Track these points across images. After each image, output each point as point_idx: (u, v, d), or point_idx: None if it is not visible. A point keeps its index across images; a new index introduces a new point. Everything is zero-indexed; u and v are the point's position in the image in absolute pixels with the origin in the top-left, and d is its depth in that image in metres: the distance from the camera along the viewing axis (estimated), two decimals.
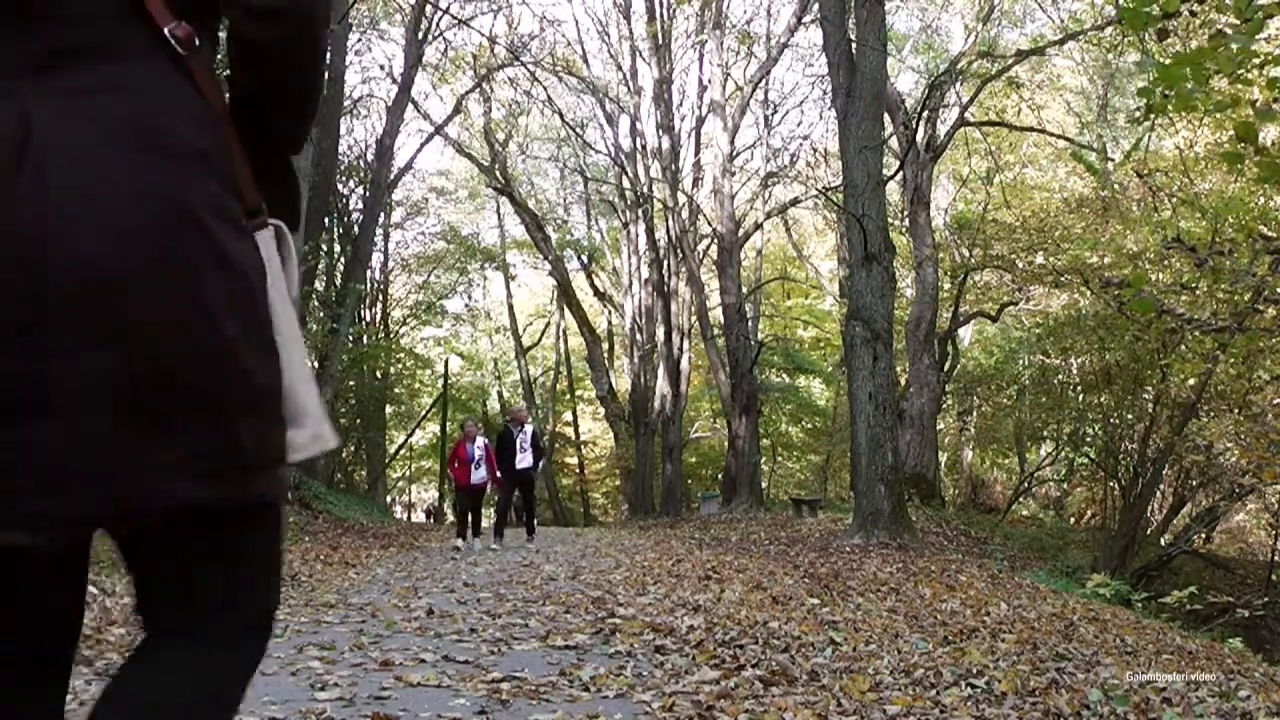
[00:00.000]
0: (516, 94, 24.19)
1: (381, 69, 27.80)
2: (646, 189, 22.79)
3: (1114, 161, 16.79)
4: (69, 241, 0.94)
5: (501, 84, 23.92)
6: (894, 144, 17.37)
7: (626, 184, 23.57)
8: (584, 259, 28.15)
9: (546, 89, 22.33)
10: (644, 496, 23.20)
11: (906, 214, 18.60)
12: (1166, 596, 9.97)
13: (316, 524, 12.48)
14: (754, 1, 29.89)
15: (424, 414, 29.31)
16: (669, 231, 22.56)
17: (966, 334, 23.85)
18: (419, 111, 23.96)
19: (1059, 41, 17.17)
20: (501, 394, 33.75)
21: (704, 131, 22.99)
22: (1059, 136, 19.73)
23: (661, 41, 22.00)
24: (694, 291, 22.40)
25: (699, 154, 23.06)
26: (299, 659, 3.91)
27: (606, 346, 27.96)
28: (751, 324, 22.91)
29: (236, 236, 1.05)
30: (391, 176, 22.15)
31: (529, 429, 11.49)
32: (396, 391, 26.33)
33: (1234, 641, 7.85)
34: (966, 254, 19.31)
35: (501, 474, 11.10)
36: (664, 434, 23.05)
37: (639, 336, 24.61)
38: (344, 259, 20.75)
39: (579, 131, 24.31)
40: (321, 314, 18.09)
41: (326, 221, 18.95)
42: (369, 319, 25.49)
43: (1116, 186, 17.41)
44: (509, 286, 30.32)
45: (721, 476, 24.03)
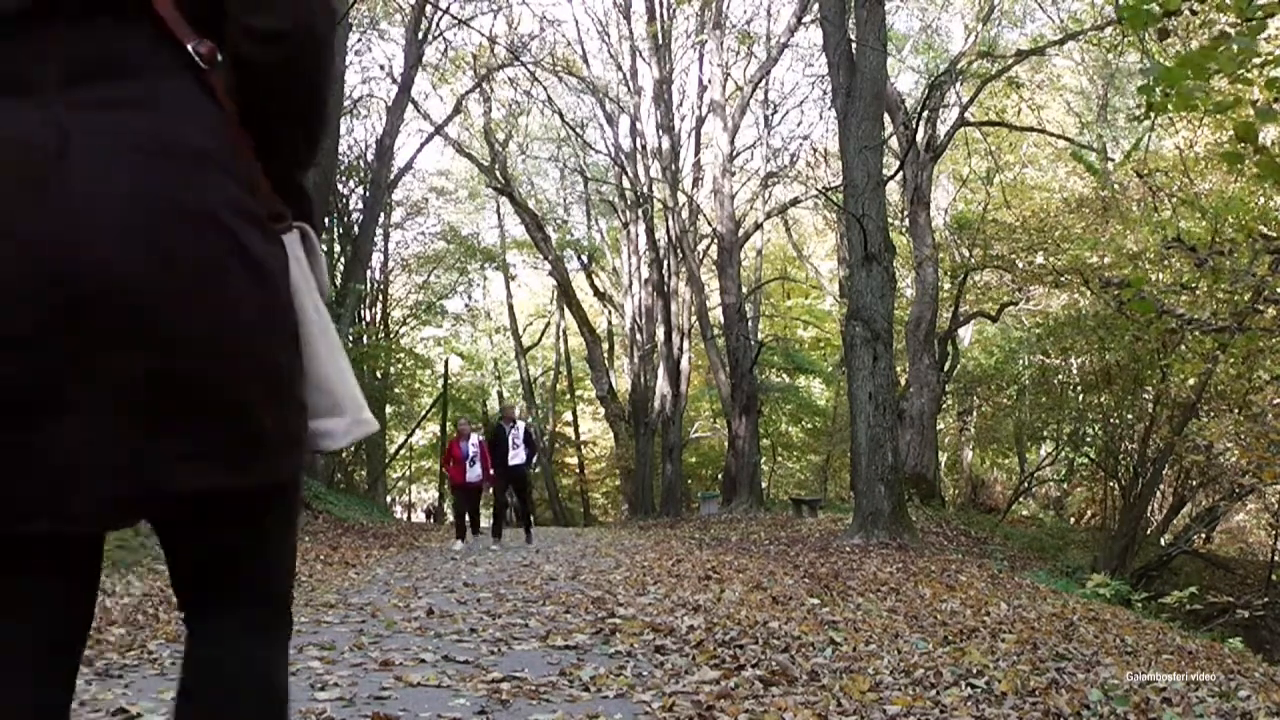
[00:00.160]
0: (516, 94, 24.21)
1: (381, 69, 27.79)
2: (646, 189, 22.79)
3: (1114, 161, 16.79)
4: (99, 248, 1.00)
5: (501, 84, 23.93)
6: (894, 144, 17.37)
7: (626, 184, 23.57)
8: (584, 259, 28.15)
9: (546, 89, 22.34)
10: (644, 496, 23.20)
11: (906, 214, 18.59)
12: (1166, 596, 9.96)
13: (316, 524, 12.48)
14: (754, 1, 29.94)
15: (424, 414, 29.30)
16: (669, 231, 22.55)
17: (966, 334, 23.85)
18: (419, 111, 23.99)
19: (1059, 41, 17.16)
20: (501, 394, 33.75)
21: (704, 131, 22.98)
22: (1059, 136, 19.72)
23: (661, 41, 22.00)
24: (694, 291, 22.39)
25: (699, 154, 23.05)
26: (299, 659, 3.91)
27: (606, 346, 27.95)
28: (751, 324, 22.90)
29: (261, 237, 1.11)
30: (391, 176, 22.16)
31: (521, 426, 11.53)
32: (396, 391, 26.32)
33: (1234, 641, 7.85)
34: (966, 254, 19.30)
35: (495, 472, 11.13)
36: (664, 434, 23.05)
37: (639, 336, 24.60)
38: (344, 259, 20.74)
39: (579, 131, 24.31)
40: None
41: (326, 221, 18.96)
42: (369, 319, 25.49)
43: (1116, 186, 17.40)
44: (509, 286, 30.33)
45: (721, 476, 24.03)
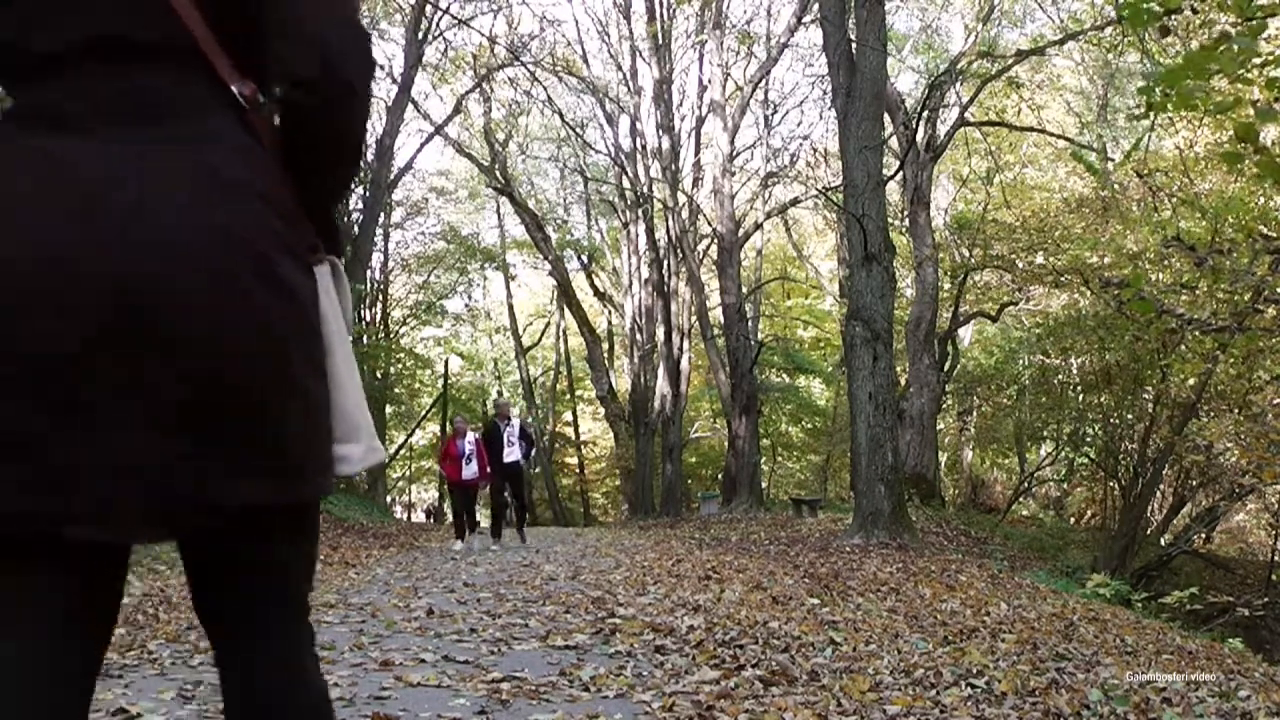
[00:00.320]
0: (516, 94, 24.20)
1: (381, 69, 27.76)
2: (646, 189, 22.78)
3: (1114, 161, 16.79)
4: (148, 274, 1.08)
5: (501, 84, 23.92)
6: (894, 144, 17.36)
7: (626, 184, 23.57)
8: (584, 259, 28.15)
9: (546, 89, 22.33)
10: (644, 496, 23.20)
11: (906, 214, 18.59)
12: (1166, 596, 9.96)
13: None
14: (754, 1, 29.93)
15: (424, 414, 29.32)
16: (669, 231, 22.55)
17: (966, 334, 23.85)
18: (419, 111, 23.97)
19: (1059, 41, 17.16)
20: (501, 394, 33.74)
21: (704, 131, 22.98)
22: (1059, 136, 19.72)
23: (661, 41, 21.99)
24: (694, 291, 22.39)
25: (699, 154, 23.05)
26: None
27: (606, 346, 27.95)
28: (751, 324, 22.90)
29: (296, 269, 1.18)
30: (391, 176, 22.14)
31: (516, 423, 11.48)
32: (396, 391, 26.32)
33: (1234, 641, 7.84)
34: (966, 254, 19.30)
35: (491, 470, 11.11)
36: (664, 434, 23.04)
37: (639, 336, 24.60)
38: (344, 259, 20.68)
39: (579, 131, 24.31)
40: None
41: None
42: (369, 319, 25.47)
43: (1116, 186, 17.40)
44: (509, 286, 30.32)
45: (721, 476, 24.03)
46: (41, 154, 1.12)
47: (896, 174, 16.12)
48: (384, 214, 24.54)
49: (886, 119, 14.60)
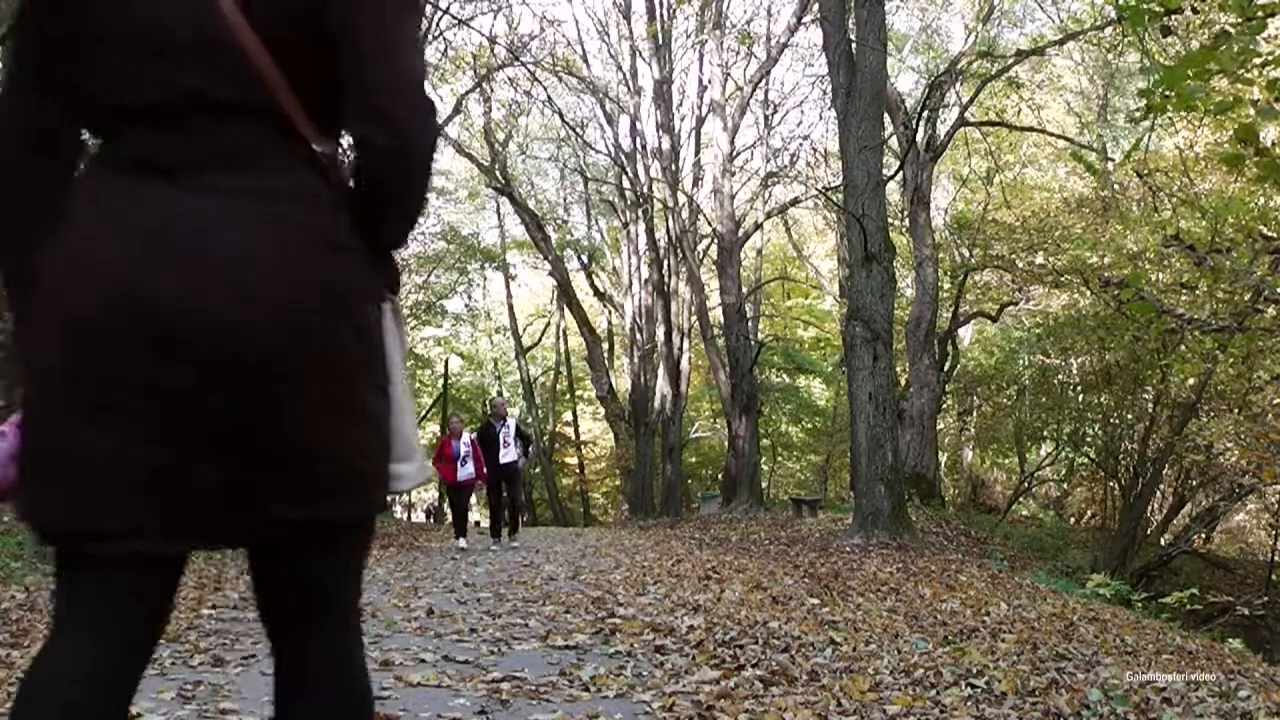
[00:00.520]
0: (516, 94, 24.16)
1: None
2: (646, 189, 22.78)
3: (1114, 161, 16.77)
4: (234, 311, 1.19)
5: (501, 84, 23.88)
6: (894, 144, 17.35)
7: (626, 184, 23.56)
8: (584, 259, 28.13)
9: (546, 89, 22.29)
10: (644, 496, 23.19)
11: (906, 214, 18.59)
12: (1166, 596, 9.96)
13: None
14: (754, 1, 29.89)
15: (424, 414, 29.29)
16: (669, 231, 22.55)
17: (966, 334, 23.84)
18: None
19: (1059, 41, 17.16)
20: (501, 394, 33.74)
21: (704, 131, 22.97)
22: (1059, 136, 19.72)
23: (661, 41, 21.99)
24: (694, 291, 22.39)
25: (699, 154, 23.04)
26: None
27: (606, 346, 27.94)
28: (751, 324, 22.89)
29: (366, 306, 1.30)
30: None
31: (512, 423, 11.33)
32: None
33: (1234, 641, 7.84)
34: (966, 254, 19.31)
35: (487, 470, 10.98)
36: (664, 434, 23.04)
37: (639, 336, 24.60)
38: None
39: (579, 131, 24.28)
40: None
41: None
42: None
43: (1116, 186, 17.40)
44: (509, 286, 30.31)
45: (721, 476, 24.02)
46: (135, 200, 1.22)
47: (896, 174, 16.12)
48: None
49: (886, 119, 14.60)
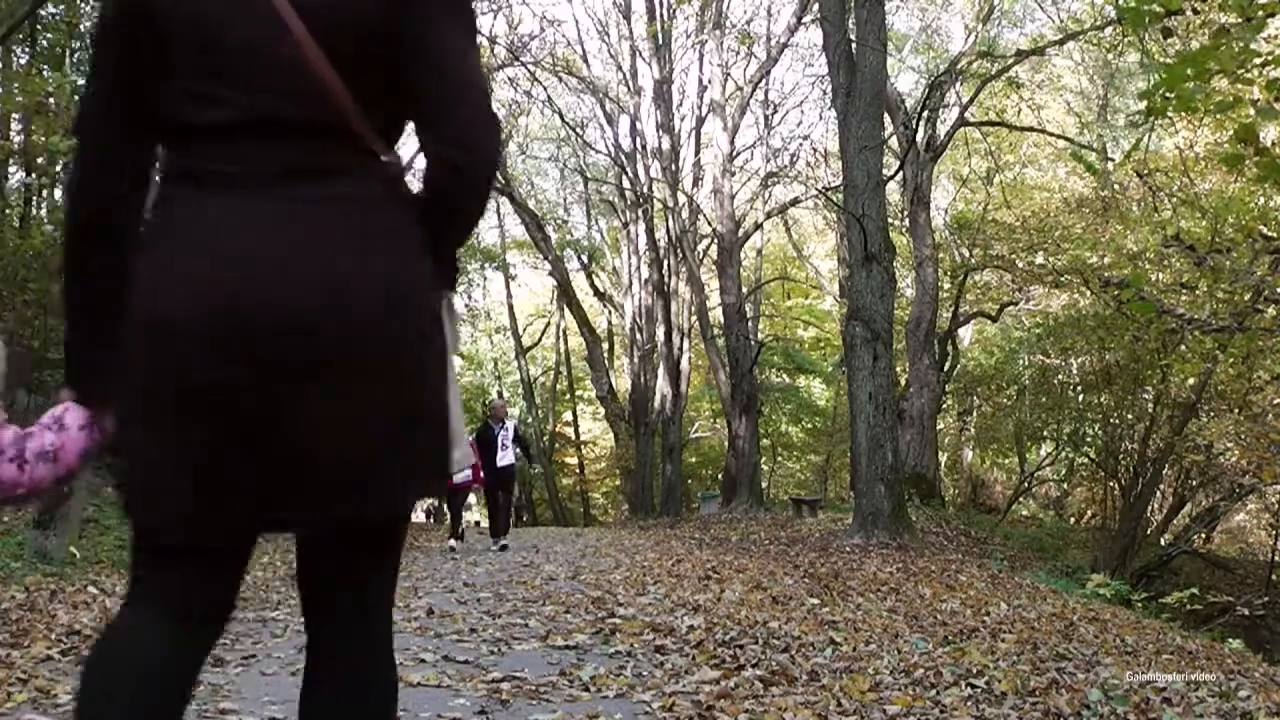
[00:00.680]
0: (517, 94, 24.12)
1: None
2: (646, 189, 22.77)
3: (1114, 161, 16.77)
4: (309, 315, 1.26)
5: (502, 84, 23.88)
6: (894, 144, 17.35)
7: (626, 184, 23.55)
8: (584, 259, 28.10)
9: (546, 89, 22.30)
10: (644, 496, 23.18)
11: (906, 214, 18.58)
12: (1166, 596, 9.96)
13: None
14: (754, 1, 29.90)
15: None
16: (669, 231, 22.53)
17: (966, 334, 23.83)
18: None
19: (1059, 41, 17.15)
20: (501, 394, 33.73)
21: (704, 131, 22.95)
22: (1059, 136, 19.72)
23: (661, 41, 21.97)
24: (694, 291, 22.38)
25: (699, 154, 23.03)
26: (299, 659, 3.89)
27: (606, 346, 27.92)
28: (751, 324, 22.87)
29: (434, 306, 1.40)
30: None
31: (510, 425, 11.19)
32: None
33: (1234, 641, 7.84)
34: (966, 254, 19.30)
35: (484, 472, 10.85)
36: (664, 434, 23.02)
37: (639, 336, 24.58)
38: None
39: (579, 131, 24.28)
40: None
41: None
42: None
43: (1116, 186, 17.40)
44: (509, 286, 30.28)
45: (721, 476, 24.01)
46: (212, 208, 1.29)
47: (896, 174, 16.11)
48: None
49: (886, 119, 14.59)
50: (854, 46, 12.27)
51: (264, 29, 1.29)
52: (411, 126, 1.43)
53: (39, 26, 12.40)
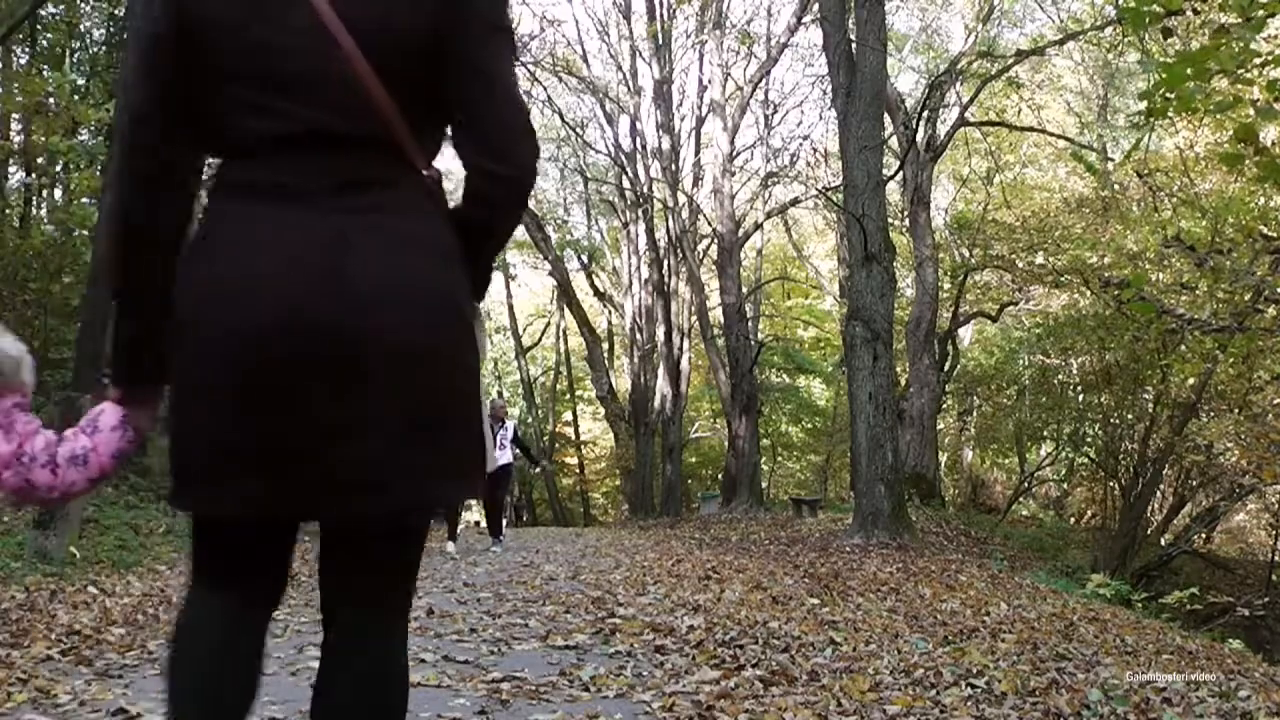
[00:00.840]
0: None
1: None
2: (646, 189, 22.76)
3: (1114, 161, 16.78)
4: (375, 318, 1.33)
5: None
6: (894, 144, 17.35)
7: (626, 184, 23.55)
8: (584, 259, 28.09)
9: (546, 89, 22.30)
10: (644, 496, 23.18)
11: (906, 214, 18.58)
12: (1166, 596, 9.95)
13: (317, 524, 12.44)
14: (754, 1, 29.87)
15: None
16: (669, 231, 22.53)
17: (966, 334, 23.82)
18: None
19: (1059, 41, 17.16)
20: (501, 394, 33.72)
21: (704, 131, 22.94)
22: (1059, 136, 19.71)
23: (661, 41, 21.97)
24: (694, 291, 22.38)
25: (699, 154, 23.02)
26: (299, 659, 3.91)
27: (606, 346, 27.91)
28: (751, 324, 22.87)
29: (468, 311, 1.46)
30: None
31: (510, 426, 11.11)
32: None
33: (1234, 641, 7.84)
34: (966, 254, 19.30)
35: None
36: (664, 434, 23.02)
37: (639, 336, 24.58)
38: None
39: (579, 131, 24.28)
40: None
41: None
42: None
43: (1116, 186, 17.40)
44: (509, 286, 30.26)
45: (721, 476, 24.01)
46: (268, 218, 1.36)
47: (896, 174, 16.11)
48: None
49: (886, 119, 14.59)
50: (854, 46, 12.27)
51: (315, 44, 1.35)
52: (451, 139, 1.49)
53: (39, 26, 12.41)
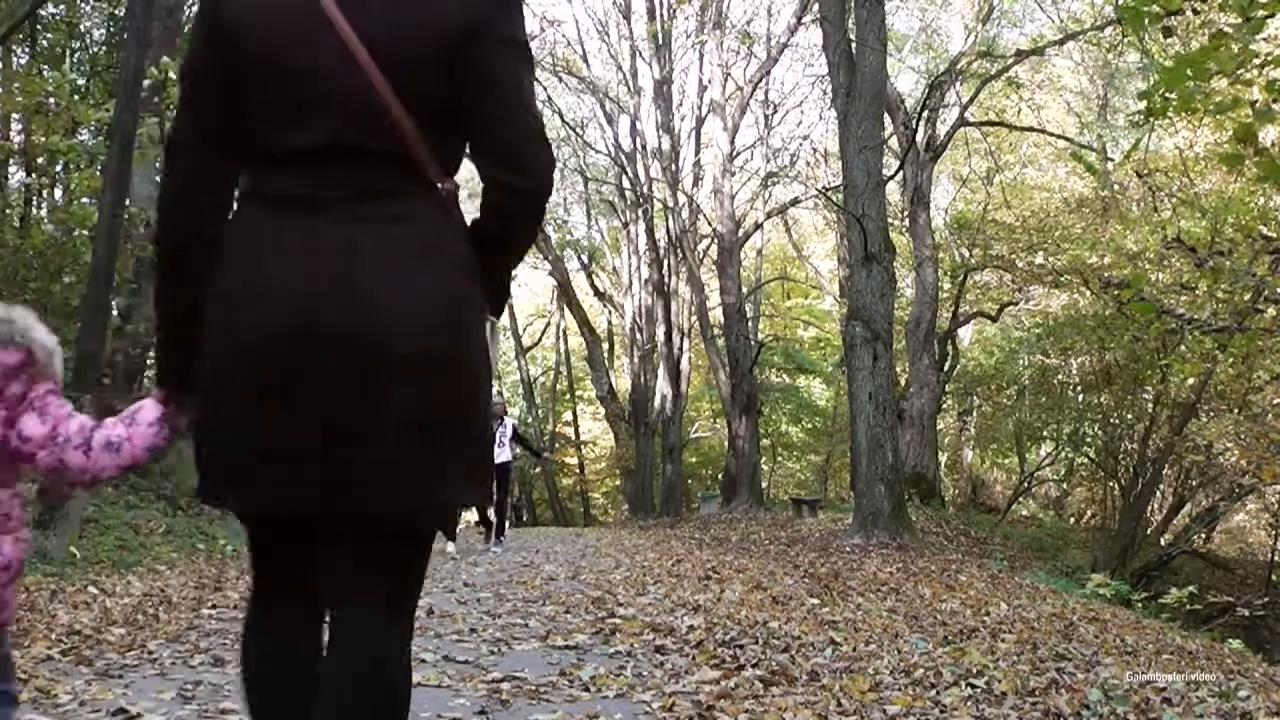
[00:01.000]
0: None
1: None
2: (646, 189, 22.77)
3: (1114, 161, 16.77)
4: (387, 324, 1.39)
5: None
6: (894, 144, 17.35)
7: (626, 184, 23.55)
8: (584, 259, 28.10)
9: (546, 89, 22.29)
10: (644, 496, 23.18)
11: (906, 214, 18.57)
12: (1166, 596, 9.94)
13: None
14: (754, 1, 29.86)
15: None
16: (669, 231, 22.53)
17: (966, 334, 23.82)
18: None
19: (1059, 41, 17.16)
20: (501, 393, 33.68)
21: (704, 131, 22.95)
22: (1059, 136, 19.71)
23: (661, 41, 21.97)
24: (694, 291, 22.38)
25: (699, 154, 23.03)
26: None
27: (606, 346, 27.91)
28: (751, 324, 22.87)
29: (479, 320, 1.50)
30: None
31: (509, 423, 11.11)
32: None
33: (1234, 641, 7.84)
34: (966, 254, 19.29)
35: None
36: (664, 434, 23.02)
37: (639, 336, 24.58)
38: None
39: (579, 131, 24.28)
40: None
41: None
42: None
43: (1116, 186, 17.40)
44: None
45: (721, 476, 24.01)
46: (286, 226, 1.43)
47: (896, 174, 16.10)
48: None
49: (886, 119, 14.59)
50: (854, 46, 12.27)
51: (336, 61, 1.40)
52: (469, 152, 1.54)
53: (39, 26, 12.40)
